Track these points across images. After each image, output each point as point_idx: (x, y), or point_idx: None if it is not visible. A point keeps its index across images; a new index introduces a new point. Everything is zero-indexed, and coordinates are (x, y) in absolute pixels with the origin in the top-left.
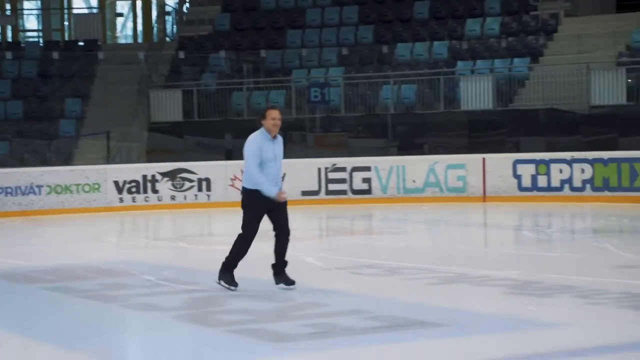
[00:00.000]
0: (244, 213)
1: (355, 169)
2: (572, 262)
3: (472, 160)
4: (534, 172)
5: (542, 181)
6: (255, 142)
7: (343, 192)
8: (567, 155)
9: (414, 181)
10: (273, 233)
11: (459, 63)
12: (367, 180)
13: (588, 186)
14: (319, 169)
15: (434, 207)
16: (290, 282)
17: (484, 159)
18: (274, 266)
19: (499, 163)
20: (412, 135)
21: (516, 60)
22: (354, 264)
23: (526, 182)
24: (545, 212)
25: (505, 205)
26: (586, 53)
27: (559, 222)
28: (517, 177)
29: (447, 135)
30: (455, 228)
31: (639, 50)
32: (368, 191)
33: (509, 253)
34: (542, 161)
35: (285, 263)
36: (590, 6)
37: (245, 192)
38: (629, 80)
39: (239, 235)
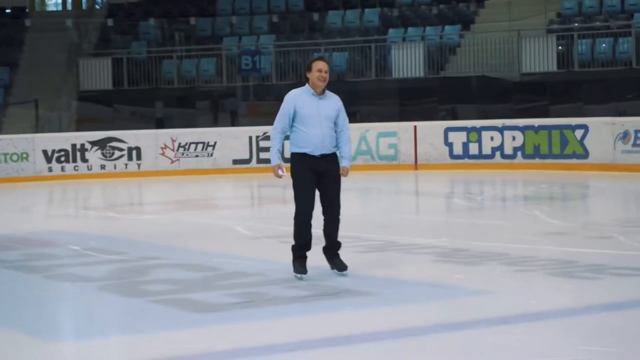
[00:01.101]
0: (293, 184)
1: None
2: (502, 229)
3: (404, 128)
4: (465, 140)
5: (473, 149)
6: (289, 97)
7: None
8: (498, 122)
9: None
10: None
11: (390, 31)
12: None
13: (519, 153)
14: (250, 137)
15: (366, 176)
16: (342, 268)
17: (415, 126)
18: (324, 249)
19: (431, 131)
20: (343, 103)
21: (447, 27)
22: (283, 233)
23: (457, 149)
24: (476, 180)
25: (436, 173)
26: (517, 20)
27: (489, 190)
28: (449, 144)
29: (379, 104)
30: (386, 196)
31: (569, 17)
32: None
33: (440, 221)
34: (474, 129)
35: (336, 245)
36: None
37: (291, 157)
38: (560, 48)
39: (294, 215)
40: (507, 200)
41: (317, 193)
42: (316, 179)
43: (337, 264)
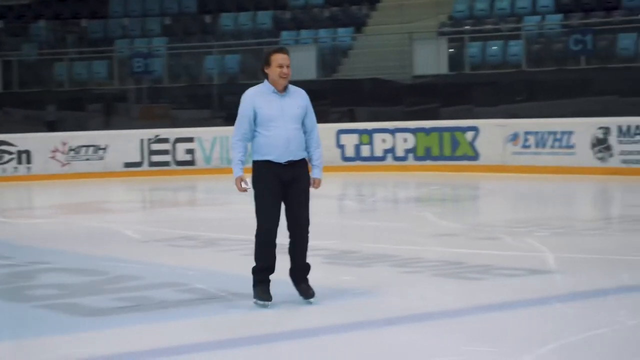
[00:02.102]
0: (254, 196)
1: (179, 140)
2: (393, 231)
3: None
4: (357, 142)
5: (365, 151)
6: (246, 97)
7: (166, 163)
8: (390, 125)
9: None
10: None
11: (283, 33)
12: (190, 152)
13: (411, 155)
14: (142, 140)
15: None
16: (308, 295)
17: None
18: (290, 272)
19: (323, 133)
20: (236, 105)
21: (340, 30)
22: (173, 236)
23: (349, 152)
24: (368, 182)
25: (328, 175)
26: (409, 23)
27: (381, 192)
28: (341, 147)
29: None
30: None
31: (460, 20)
32: (192, 162)
33: (331, 223)
34: (365, 131)
35: (304, 268)
36: None
37: (253, 169)
38: (451, 50)
39: (256, 231)
40: (399, 202)
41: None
42: (282, 189)
43: (303, 290)
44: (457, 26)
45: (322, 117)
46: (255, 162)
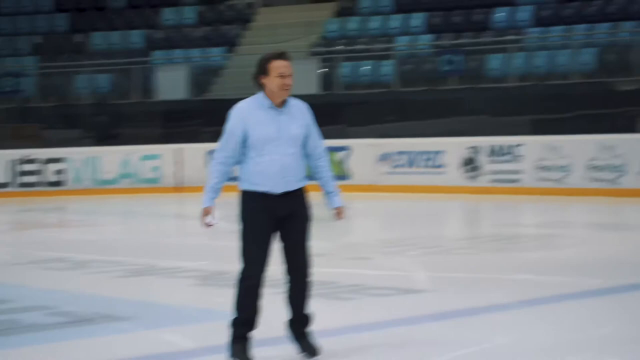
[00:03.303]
0: (240, 232)
1: (49, 160)
2: None
3: (168, 150)
4: None
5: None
6: (237, 113)
7: (36, 184)
8: None
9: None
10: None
11: (155, 52)
12: (60, 172)
13: None
14: (11, 162)
15: (129, 199)
16: (312, 352)
17: (179, 149)
18: (290, 324)
19: (195, 153)
20: (107, 125)
21: (212, 49)
22: (42, 258)
23: None
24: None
25: (200, 195)
26: (281, 43)
27: None
28: None
29: (143, 126)
30: (149, 219)
31: (332, 40)
32: (62, 183)
33: (202, 244)
34: None
35: (305, 320)
36: None
37: (240, 199)
38: (323, 70)
39: (238, 274)
40: None
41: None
42: (275, 226)
43: (306, 346)
44: (328, 46)
45: (193, 137)
46: (244, 193)
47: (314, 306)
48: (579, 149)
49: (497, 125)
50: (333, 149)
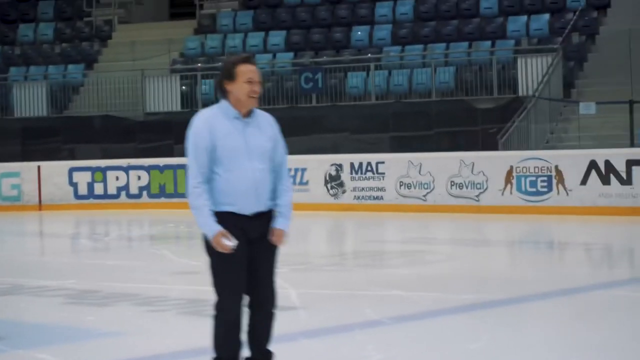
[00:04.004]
0: (208, 259)
1: None
2: (131, 269)
3: (27, 168)
4: (90, 180)
5: (98, 189)
6: (200, 121)
7: None
8: (123, 162)
9: None
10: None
11: (12, 69)
12: None
13: (145, 193)
14: None
15: None
16: None
17: (39, 166)
18: None
19: (55, 171)
20: None
21: (70, 66)
22: None
23: (82, 189)
24: (102, 220)
25: (62, 213)
26: (141, 60)
27: (116, 230)
28: (73, 184)
29: (1, 144)
30: (10, 238)
31: (192, 57)
32: None
33: (67, 262)
34: (98, 168)
35: (269, 357)
36: (145, 13)
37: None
38: (183, 87)
39: (214, 307)
40: (135, 240)
41: None
42: (247, 250)
43: None
44: (189, 63)
45: (53, 155)
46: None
47: (190, 324)
48: (440, 166)
49: (358, 143)
50: None
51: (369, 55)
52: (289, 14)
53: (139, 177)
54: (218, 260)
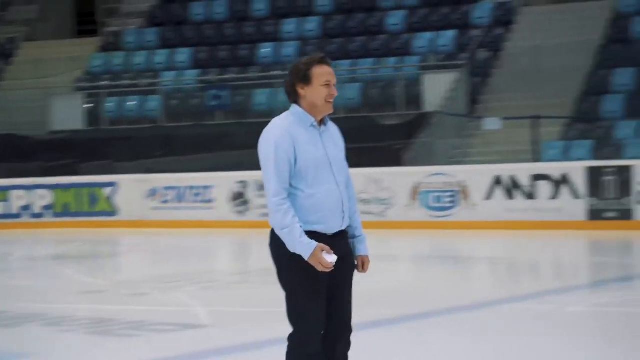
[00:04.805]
0: (283, 285)
1: None
2: (37, 290)
3: None
4: None
5: (1, 208)
6: (280, 131)
7: None
8: (26, 181)
9: None
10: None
11: None
12: None
13: (49, 212)
14: None
15: None
16: None
17: None
18: None
19: None
20: None
21: None
22: None
23: None
24: (5, 240)
25: None
26: (45, 78)
27: (19, 250)
28: None
29: None
30: None
31: (97, 75)
32: None
33: None
34: (1, 188)
35: None
36: (49, 31)
37: (276, 238)
38: (88, 105)
39: (289, 340)
40: (39, 260)
41: None
42: (327, 275)
43: None
44: (93, 81)
45: None
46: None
47: (98, 344)
48: None
49: None
50: (99, 185)
51: (275, 72)
52: (194, 31)
53: (43, 197)
54: (296, 286)
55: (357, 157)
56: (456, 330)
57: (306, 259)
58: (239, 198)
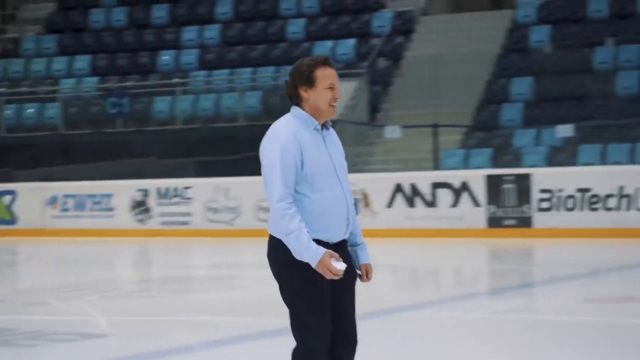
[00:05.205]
0: (285, 297)
1: None
2: None
3: None
4: None
5: None
6: (286, 132)
7: None
8: None
9: None
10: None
11: None
12: None
13: None
14: None
15: None
16: None
17: None
18: None
19: None
20: None
21: None
22: None
23: None
24: None
25: None
26: None
27: None
28: None
29: None
30: None
31: None
32: None
33: None
34: None
35: None
36: None
37: (277, 248)
38: None
39: (293, 355)
40: None
41: None
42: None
43: None
44: None
45: None
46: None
47: None
48: (248, 190)
49: (166, 168)
50: None
51: (176, 79)
52: (94, 39)
53: None
54: (302, 297)
55: (257, 165)
56: (359, 338)
57: (314, 266)
58: (140, 206)
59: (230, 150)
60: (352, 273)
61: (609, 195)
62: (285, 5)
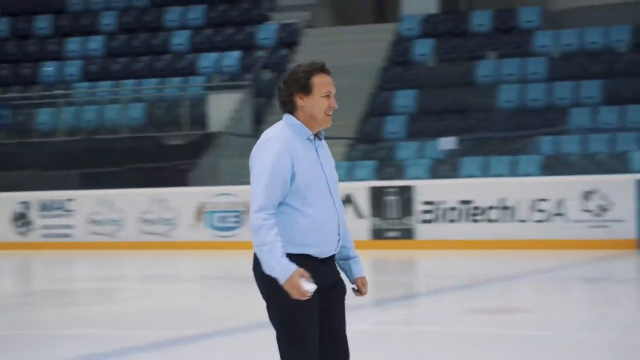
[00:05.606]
0: (274, 316)
1: None
2: None
3: None
4: None
5: None
6: (278, 142)
7: None
8: None
9: None
10: None
11: None
12: None
13: None
14: None
15: None
16: None
17: None
18: None
19: None
20: None
21: None
22: None
23: None
24: None
25: None
26: None
27: None
28: None
29: None
30: None
31: None
32: None
33: None
34: None
35: None
36: None
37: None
38: None
39: None
40: None
41: None
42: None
43: None
44: None
45: None
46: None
47: None
48: (130, 202)
49: (48, 180)
50: None
51: (59, 91)
52: None
53: None
54: (294, 317)
55: (141, 177)
56: (240, 349)
57: (282, 282)
58: (21, 219)
59: (114, 162)
60: (342, 286)
61: (491, 207)
62: (170, 17)
